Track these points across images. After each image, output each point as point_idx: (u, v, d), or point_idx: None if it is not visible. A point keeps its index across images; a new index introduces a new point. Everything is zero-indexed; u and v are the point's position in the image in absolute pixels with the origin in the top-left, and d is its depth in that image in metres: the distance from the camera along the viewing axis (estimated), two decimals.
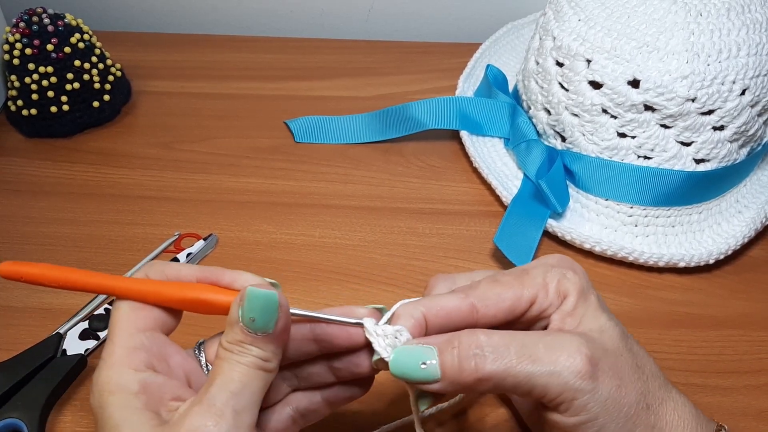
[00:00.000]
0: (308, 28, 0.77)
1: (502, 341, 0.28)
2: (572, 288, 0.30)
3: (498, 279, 0.31)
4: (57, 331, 0.42)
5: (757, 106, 0.47)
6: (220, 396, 0.26)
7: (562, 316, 0.30)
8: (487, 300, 0.30)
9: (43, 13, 0.57)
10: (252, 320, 0.27)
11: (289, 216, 0.52)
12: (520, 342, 0.28)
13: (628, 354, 0.29)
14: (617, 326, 0.30)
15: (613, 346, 0.29)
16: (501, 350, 0.28)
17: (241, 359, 0.27)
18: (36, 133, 0.58)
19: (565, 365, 0.27)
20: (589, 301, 0.30)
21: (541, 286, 0.30)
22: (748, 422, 0.40)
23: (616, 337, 0.30)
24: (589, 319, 0.30)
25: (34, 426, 0.36)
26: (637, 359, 0.30)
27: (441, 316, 0.30)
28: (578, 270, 0.31)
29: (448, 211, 0.53)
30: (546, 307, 0.30)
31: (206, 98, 0.64)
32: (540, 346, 0.28)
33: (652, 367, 0.30)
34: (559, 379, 0.27)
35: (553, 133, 0.53)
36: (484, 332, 0.28)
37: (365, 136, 0.59)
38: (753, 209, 0.51)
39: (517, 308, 0.30)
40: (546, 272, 0.31)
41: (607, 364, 0.28)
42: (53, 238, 0.50)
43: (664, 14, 0.47)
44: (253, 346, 0.27)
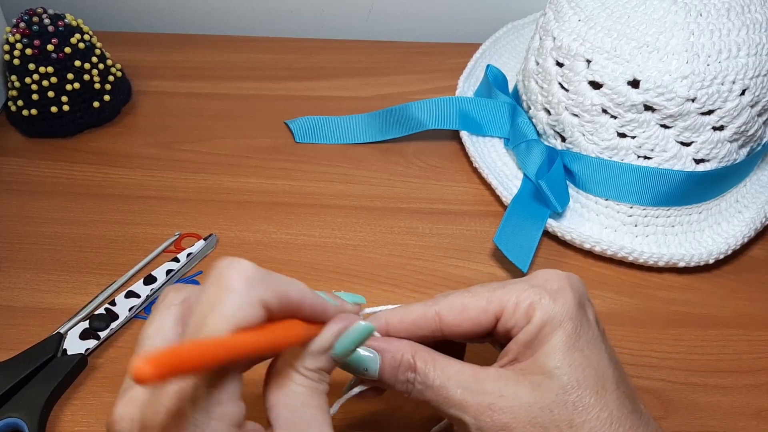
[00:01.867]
0: (308, 28, 0.77)
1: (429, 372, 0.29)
2: (538, 315, 0.29)
3: (471, 289, 0.31)
4: (57, 330, 0.42)
5: (757, 106, 0.48)
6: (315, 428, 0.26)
7: (519, 345, 0.29)
8: (452, 309, 0.30)
9: (44, 13, 0.57)
10: (350, 352, 0.28)
11: (289, 216, 0.52)
12: (443, 377, 0.29)
13: (560, 409, 0.28)
14: (563, 376, 0.28)
15: (542, 401, 0.28)
16: (427, 381, 0.29)
17: (322, 388, 0.27)
18: (36, 133, 0.58)
19: (471, 418, 0.28)
20: (553, 336, 0.29)
21: (511, 302, 0.30)
22: (748, 422, 0.40)
23: (553, 390, 0.28)
24: (541, 356, 0.29)
25: (35, 425, 0.37)
26: (573, 416, 0.28)
27: (406, 322, 0.31)
28: (560, 297, 0.29)
29: (448, 211, 0.53)
30: (511, 327, 0.30)
31: (206, 98, 0.64)
32: (458, 391, 0.29)
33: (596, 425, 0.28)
34: (463, 427, 0.29)
35: (553, 133, 0.53)
36: (419, 354, 0.30)
37: (365, 136, 0.59)
38: (753, 209, 0.51)
39: (482, 321, 0.30)
40: (523, 290, 0.30)
41: (524, 420, 0.28)
42: (53, 238, 0.50)
43: (664, 14, 0.47)
44: (329, 374, 0.28)
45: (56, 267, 0.47)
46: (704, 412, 0.40)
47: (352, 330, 0.28)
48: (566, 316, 0.29)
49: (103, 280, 0.46)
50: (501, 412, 0.28)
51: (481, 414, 0.28)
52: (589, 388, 0.28)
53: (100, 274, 0.47)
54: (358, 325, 0.28)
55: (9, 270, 0.47)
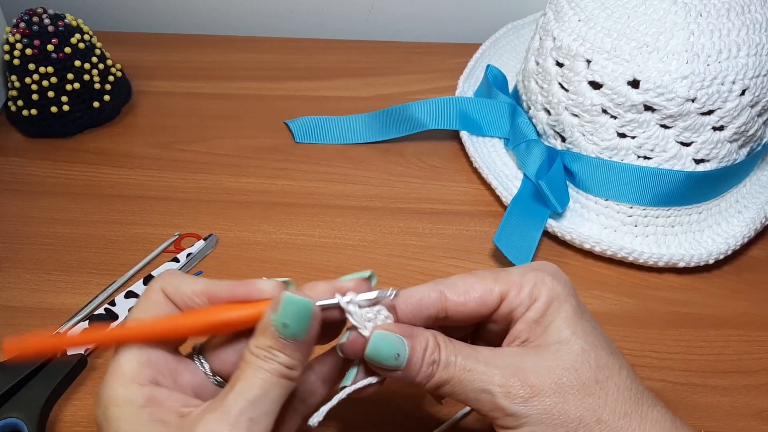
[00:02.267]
0: (308, 28, 0.77)
1: (451, 351, 0.29)
2: (545, 293, 0.30)
3: (475, 272, 0.32)
4: (57, 331, 0.42)
5: (757, 106, 0.47)
6: (237, 403, 0.26)
7: (528, 324, 0.30)
8: (457, 288, 0.31)
9: (44, 13, 0.57)
10: (285, 326, 0.27)
11: (289, 216, 0.52)
12: (466, 354, 0.29)
13: (584, 369, 0.29)
14: (578, 340, 0.29)
15: (567, 362, 0.29)
16: (450, 360, 0.29)
17: (265, 365, 0.27)
18: (36, 133, 0.58)
19: (497, 385, 0.28)
20: (561, 310, 0.30)
21: (515, 284, 0.30)
22: (748, 422, 0.40)
23: (574, 352, 0.29)
24: (553, 330, 0.30)
25: (34, 426, 0.36)
26: (596, 374, 0.29)
27: (411, 303, 0.31)
28: (560, 277, 0.31)
29: (448, 211, 0.53)
30: (516, 306, 0.30)
31: (206, 98, 0.64)
32: (481, 363, 0.29)
33: (617, 383, 0.29)
34: (489, 397, 0.28)
35: (553, 133, 0.53)
36: (442, 339, 0.30)
37: (365, 136, 0.59)
38: (753, 209, 0.51)
39: (488, 301, 0.30)
40: (525, 273, 0.31)
41: (548, 382, 0.28)
42: (53, 238, 0.50)
43: (664, 15, 0.47)
44: (280, 353, 0.27)
45: (56, 267, 0.47)
46: (704, 412, 0.40)
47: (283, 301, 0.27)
48: (569, 293, 0.30)
49: (102, 280, 0.46)
50: (527, 377, 0.28)
51: (509, 379, 0.28)
52: (604, 350, 0.30)
53: (100, 274, 0.47)
54: (286, 295, 0.28)
55: (9, 270, 0.47)
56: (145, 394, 0.27)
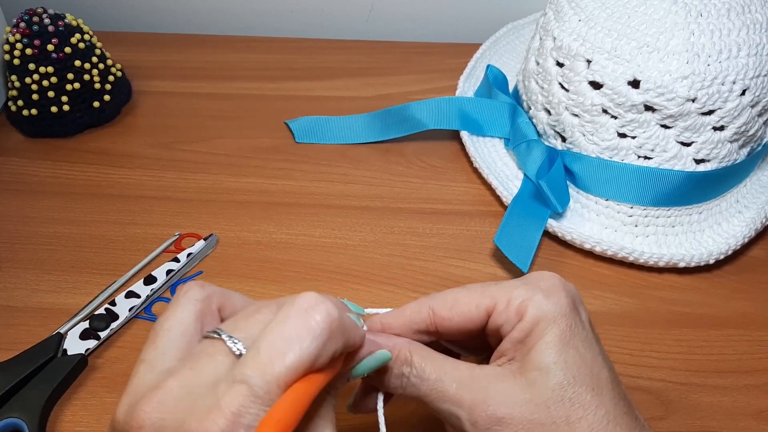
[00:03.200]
0: (308, 28, 0.77)
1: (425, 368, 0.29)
2: (530, 311, 0.29)
3: (467, 286, 0.31)
4: (57, 330, 0.42)
5: (758, 106, 0.48)
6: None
7: (513, 343, 0.29)
8: (444, 304, 0.31)
9: (44, 13, 0.57)
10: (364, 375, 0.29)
11: (290, 216, 0.52)
12: (438, 374, 0.29)
13: (557, 406, 0.27)
14: (559, 372, 0.28)
15: (541, 397, 0.28)
16: (423, 377, 0.29)
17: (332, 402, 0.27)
18: (36, 133, 0.58)
19: (464, 411, 0.28)
20: (546, 332, 0.28)
21: (503, 299, 0.29)
22: (748, 422, 0.40)
23: (550, 386, 0.28)
24: (536, 354, 0.28)
25: (35, 426, 0.36)
26: (569, 412, 0.27)
27: (400, 320, 0.31)
28: (554, 294, 0.29)
29: (448, 211, 0.53)
30: (501, 323, 0.29)
31: (206, 98, 0.64)
32: (453, 386, 0.29)
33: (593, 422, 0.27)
34: (458, 423, 0.28)
35: (553, 133, 0.53)
36: (415, 351, 0.30)
37: (365, 136, 0.59)
38: (753, 209, 0.51)
39: (473, 316, 0.30)
40: (516, 287, 0.30)
41: (519, 416, 0.27)
42: (53, 238, 0.50)
43: (665, 14, 0.47)
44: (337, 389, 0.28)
45: (56, 267, 0.47)
46: (705, 412, 0.40)
47: (375, 356, 0.29)
48: (559, 314, 0.29)
49: (103, 280, 0.46)
50: (496, 407, 0.28)
51: (476, 408, 0.28)
52: (585, 385, 0.28)
53: (100, 274, 0.47)
54: (381, 352, 0.29)
55: (9, 270, 0.47)
56: None
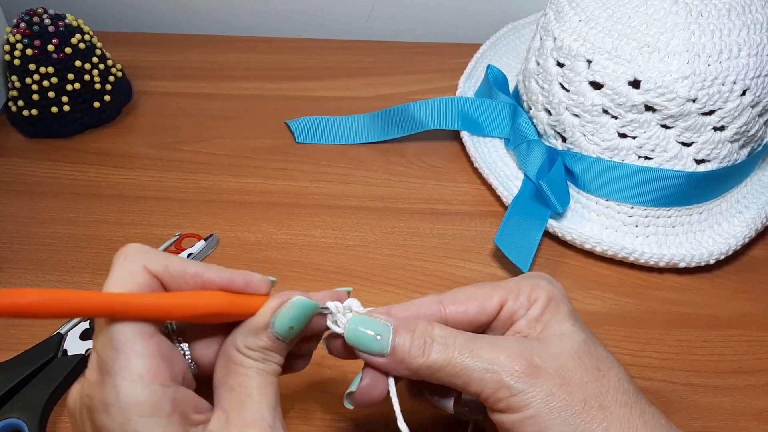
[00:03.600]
0: (308, 28, 0.77)
1: (451, 334, 0.29)
2: (542, 294, 0.31)
3: (473, 284, 0.32)
4: (58, 331, 0.42)
5: (758, 106, 0.47)
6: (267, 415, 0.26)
7: (529, 322, 0.31)
8: (456, 298, 0.31)
9: (44, 13, 0.57)
10: (291, 329, 0.27)
11: (290, 216, 0.52)
12: (467, 338, 0.29)
13: (586, 357, 0.29)
14: (580, 332, 0.30)
15: (569, 350, 0.29)
16: (449, 341, 0.29)
17: (266, 367, 0.27)
18: (37, 134, 0.58)
19: (502, 364, 0.28)
20: (558, 309, 0.31)
21: (513, 290, 0.31)
22: (749, 422, 0.40)
23: (576, 342, 0.30)
24: (553, 325, 0.31)
25: (35, 426, 0.36)
26: (598, 363, 0.30)
27: (410, 311, 0.31)
28: (554, 282, 0.32)
29: (448, 212, 0.53)
30: (516, 310, 0.31)
31: (206, 98, 0.64)
32: (485, 345, 0.29)
33: (617, 374, 0.30)
34: (495, 377, 0.28)
35: (553, 133, 0.53)
36: (438, 325, 0.30)
37: (365, 136, 0.59)
38: (753, 209, 0.51)
39: (488, 307, 0.31)
40: (521, 280, 0.32)
41: (554, 366, 0.29)
42: (53, 238, 0.50)
43: (665, 15, 0.47)
44: (275, 354, 0.27)
45: (56, 267, 0.47)
46: (705, 412, 0.40)
47: (291, 303, 0.27)
48: (565, 297, 0.32)
49: (103, 281, 0.45)
50: (533, 356, 0.28)
51: (515, 358, 0.28)
52: (601, 346, 0.31)
53: (101, 274, 0.46)
54: (297, 298, 0.27)
55: (9, 270, 0.47)
56: (170, 397, 0.24)
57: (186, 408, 0.25)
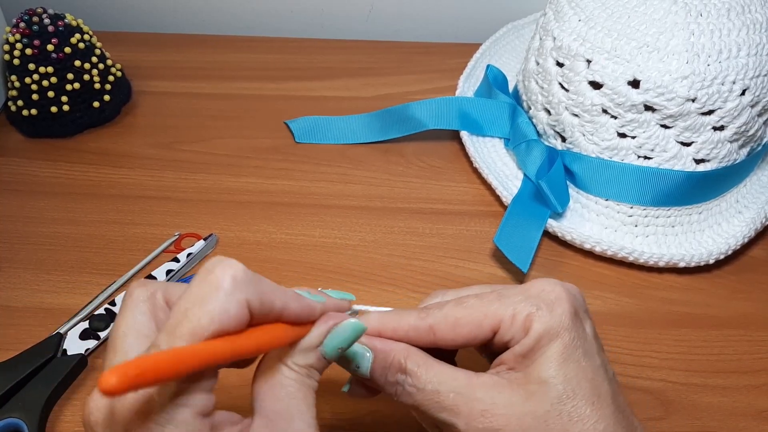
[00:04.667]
0: (308, 28, 0.77)
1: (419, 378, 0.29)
2: (537, 327, 0.29)
3: (464, 302, 0.30)
4: (57, 331, 0.42)
5: (758, 106, 0.47)
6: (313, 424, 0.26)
7: (515, 356, 0.29)
8: (446, 324, 0.30)
9: (44, 13, 0.57)
10: (340, 350, 0.28)
11: (289, 216, 0.52)
12: (436, 383, 0.29)
13: (556, 421, 0.27)
14: (560, 384, 0.28)
15: (539, 411, 0.28)
16: (418, 386, 0.29)
17: (311, 383, 0.27)
18: (36, 133, 0.58)
19: (463, 422, 0.28)
20: (550, 346, 0.28)
21: (509, 315, 0.29)
22: (748, 422, 0.40)
23: (550, 399, 0.28)
24: (537, 366, 0.28)
25: (35, 426, 0.36)
26: (569, 427, 0.27)
27: (399, 333, 0.30)
28: (557, 308, 0.29)
29: (448, 211, 0.53)
30: (508, 339, 0.29)
31: (206, 98, 0.64)
32: (450, 395, 0.29)
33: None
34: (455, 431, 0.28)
35: (553, 133, 0.53)
36: (411, 359, 0.30)
37: (365, 136, 0.59)
38: (753, 209, 0.51)
39: (478, 336, 0.30)
40: (520, 302, 0.29)
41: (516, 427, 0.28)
42: (53, 238, 0.50)
43: (665, 14, 0.47)
44: (317, 372, 0.28)
45: (56, 267, 0.47)
46: (705, 412, 0.40)
47: (342, 327, 0.28)
48: (563, 327, 0.29)
49: (103, 280, 0.46)
50: (493, 419, 0.28)
51: (473, 420, 0.28)
52: (585, 399, 0.28)
53: (100, 274, 0.47)
54: (348, 322, 0.28)
55: (9, 270, 0.47)
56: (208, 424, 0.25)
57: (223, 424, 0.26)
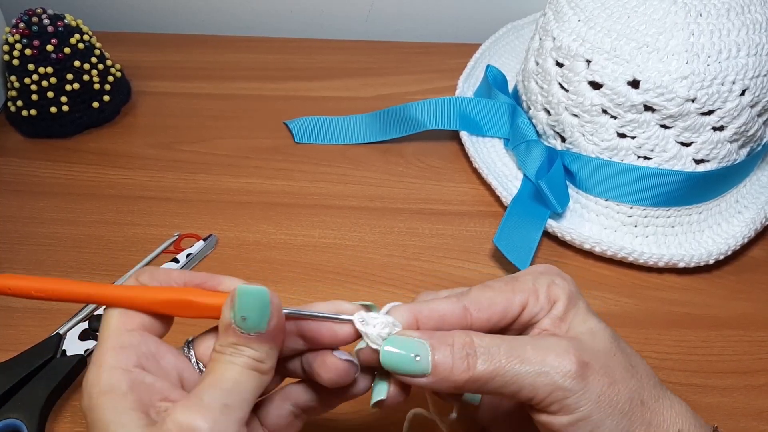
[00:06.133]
0: (308, 28, 0.77)
1: (493, 342, 0.28)
2: (562, 293, 0.31)
3: (489, 285, 0.31)
4: (57, 331, 0.42)
5: (757, 106, 0.47)
6: (209, 393, 0.26)
7: (553, 321, 0.30)
8: (480, 304, 0.30)
9: (43, 13, 0.57)
10: (243, 319, 0.27)
11: (289, 216, 0.52)
12: (509, 344, 0.29)
13: (620, 354, 0.30)
14: (607, 328, 0.31)
15: (604, 347, 0.30)
16: (492, 351, 0.28)
17: (234, 360, 0.27)
18: (36, 134, 0.58)
19: (554, 365, 0.28)
20: (578, 306, 0.31)
21: (531, 291, 0.30)
22: (748, 422, 0.40)
23: (607, 338, 0.30)
24: (579, 323, 0.30)
25: (34, 426, 0.36)
26: (629, 359, 0.30)
27: (434, 318, 0.30)
28: (566, 277, 0.32)
29: (447, 212, 0.53)
30: (537, 312, 0.30)
31: (206, 98, 0.64)
32: (528, 347, 0.28)
33: (645, 368, 0.31)
34: (548, 379, 0.28)
35: (552, 133, 0.53)
36: (476, 334, 0.29)
37: (365, 136, 0.59)
38: (753, 209, 0.51)
39: (510, 312, 0.30)
40: (535, 279, 0.31)
41: (598, 363, 0.29)
42: (53, 238, 0.50)
43: (664, 15, 0.47)
44: (246, 347, 0.27)
45: (56, 267, 0.47)
46: (704, 412, 0.40)
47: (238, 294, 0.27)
48: (579, 291, 0.32)
49: (102, 281, 0.46)
50: (582, 355, 0.28)
51: (564, 358, 0.28)
52: (622, 340, 0.31)
53: (100, 274, 0.47)
54: (239, 287, 0.27)
55: (8, 270, 0.47)
56: (129, 379, 0.27)
57: (149, 393, 0.27)
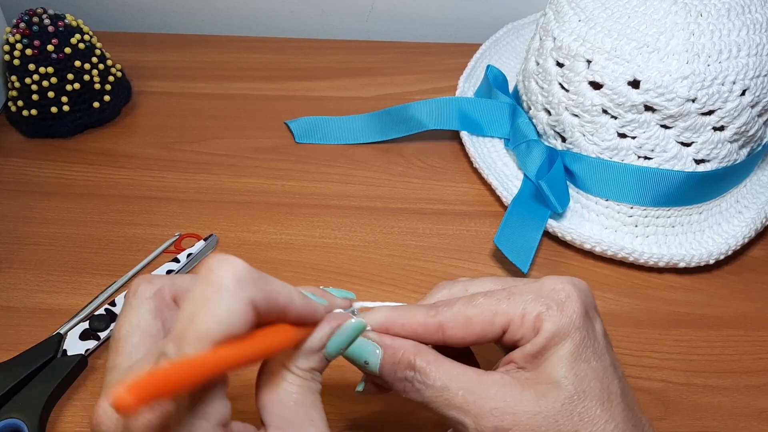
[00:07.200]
0: (308, 28, 0.77)
1: (429, 375, 0.29)
2: (548, 327, 0.28)
3: (474, 301, 0.30)
4: (57, 331, 0.42)
5: (758, 106, 0.47)
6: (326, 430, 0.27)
7: (525, 356, 0.29)
8: (456, 322, 0.30)
9: (44, 13, 0.57)
10: (341, 350, 0.28)
11: (289, 216, 0.52)
12: (445, 379, 0.28)
13: (566, 421, 0.27)
14: (570, 385, 0.28)
15: (550, 411, 0.27)
16: (427, 383, 0.29)
17: (315, 386, 0.27)
18: (36, 134, 0.58)
19: (471, 420, 0.28)
20: (561, 346, 0.28)
21: (519, 315, 0.29)
22: (748, 422, 0.40)
23: (561, 400, 0.27)
24: (547, 367, 0.28)
25: (35, 426, 0.37)
26: (580, 427, 0.27)
27: (407, 330, 0.30)
28: (568, 308, 0.29)
29: (448, 212, 0.53)
30: (518, 339, 0.29)
31: (206, 98, 0.64)
32: (460, 391, 0.28)
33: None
34: (464, 429, 0.28)
35: (553, 133, 0.53)
36: (423, 357, 0.29)
37: (365, 136, 0.59)
38: (753, 209, 0.51)
39: (488, 334, 0.30)
40: (531, 301, 0.29)
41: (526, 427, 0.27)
42: (53, 238, 0.50)
43: (665, 15, 0.47)
44: (319, 374, 0.28)
45: (56, 267, 0.47)
46: (705, 412, 0.40)
47: (344, 328, 0.28)
48: (573, 327, 0.28)
49: (103, 281, 0.46)
50: (503, 417, 0.27)
51: (483, 418, 0.27)
52: (595, 399, 0.28)
53: (100, 274, 0.47)
54: (350, 323, 0.28)
55: (9, 270, 0.47)
56: None
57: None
